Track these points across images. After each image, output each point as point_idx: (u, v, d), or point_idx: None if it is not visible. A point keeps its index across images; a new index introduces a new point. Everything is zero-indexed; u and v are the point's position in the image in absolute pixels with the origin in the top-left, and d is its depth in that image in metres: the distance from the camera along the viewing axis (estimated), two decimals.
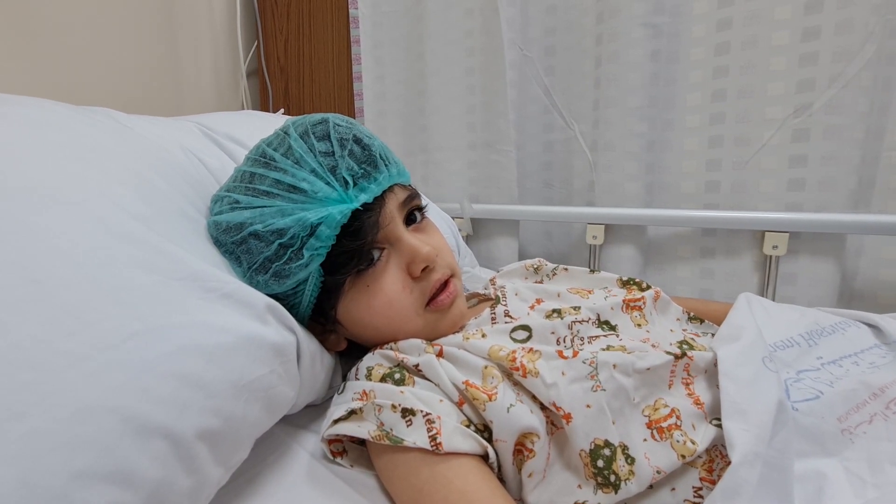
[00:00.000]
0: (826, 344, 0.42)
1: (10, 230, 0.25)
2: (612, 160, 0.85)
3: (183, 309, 0.28)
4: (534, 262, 0.57)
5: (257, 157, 0.40)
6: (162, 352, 0.25)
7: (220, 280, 0.32)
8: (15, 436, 0.20)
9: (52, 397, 0.21)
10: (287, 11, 1.06)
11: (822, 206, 0.73)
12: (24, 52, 0.65)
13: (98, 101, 0.73)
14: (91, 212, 0.28)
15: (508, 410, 0.35)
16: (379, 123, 1.03)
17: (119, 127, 0.41)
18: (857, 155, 0.70)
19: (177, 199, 0.37)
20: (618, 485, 0.33)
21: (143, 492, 0.24)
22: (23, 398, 0.21)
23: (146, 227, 0.30)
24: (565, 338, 0.41)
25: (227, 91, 1.05)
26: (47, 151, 0.31)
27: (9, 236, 0.25)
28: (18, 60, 0.64)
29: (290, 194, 0.36)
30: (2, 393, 0.21)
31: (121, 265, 0.27)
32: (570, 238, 0.94)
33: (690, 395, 0.38)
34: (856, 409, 0.37)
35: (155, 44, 0.86)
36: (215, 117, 0.63)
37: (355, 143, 0.39)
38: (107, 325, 0.25)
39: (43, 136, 0.33)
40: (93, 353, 0.23)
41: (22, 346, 0.22)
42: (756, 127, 0.76)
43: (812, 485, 0.34)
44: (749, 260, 0.80)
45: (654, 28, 0.79)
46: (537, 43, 0.91)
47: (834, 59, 0.69)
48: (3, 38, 0.62)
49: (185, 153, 0.46)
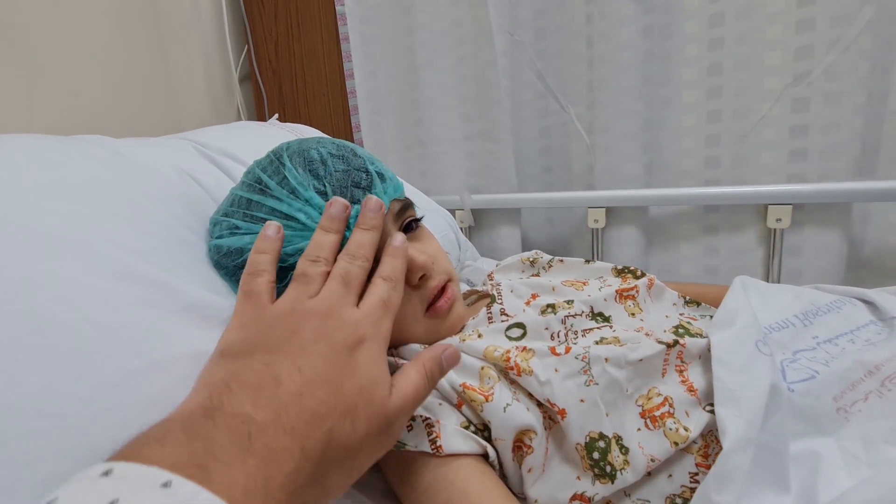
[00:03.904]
0: (821, 323, 0.42)
1: (11, 277, 0.26)
2: (610, 142, 0.84)
3: (181, 340, 0.30)
4: (530, 256, 0.57)
5: (253, 182, 0.40)
6: (163, 386, 0.27)
7: (216, 307, 0.33)
8: (31, 483, 0.22)
9: (64, 442, 0.23)
10: (275, 12, 1.05)
11: (825, 175, 0.72)
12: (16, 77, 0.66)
13: (94, 121, 0.75)
14: (88, 252, 0.30)
15: (505, 410, 0.36)
16: (374, 119, 1.03)
17: (111, 156, 0.42)
18: (859, 121, 0.69)
19: (172, 225, 0.39)
20: (614, 475, 0.34)
21: None
22: (36, 445, 0.22)
23: (143, 260, 0.32)
24: (559, 332, 0.42)
25: (221, 99, 1.06)
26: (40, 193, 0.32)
27: (11, 284, 0.26)
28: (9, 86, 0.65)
29: (287, 222, 0.37)
30: (17, 442, 0.22)
31: (119, 303, 0.29)
32: (572, 223, 0.94)
33: (684, 381, 0.39)
34: (851, 388, 0.37)
35: (146, 60, 0.87)
36: (209, 132, 0.64)
37: (354, 186, 0.39)
38: (109, 366, 0.26)
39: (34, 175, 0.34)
40: (98, 394, 0.25)
41: (32, 396, 0.23)
42: (754, 99, 0.74)
43: (807, 465, 0.35)
44: (753, 234, 0.79)
45: (644, 4, 0.77)
46: (527, 26, 0.89)
47: (832, 24, 0.67)
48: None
49: (180, 175, 0.48)
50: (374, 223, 0.35)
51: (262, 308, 0.30)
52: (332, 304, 0.30)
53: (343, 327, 0.29)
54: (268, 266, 0.33)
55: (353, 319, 0.29)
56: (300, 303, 0.30)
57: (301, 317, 0.29)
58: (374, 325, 0.30)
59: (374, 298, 0.31)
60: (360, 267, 0.32)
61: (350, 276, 0.32)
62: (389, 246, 0.35)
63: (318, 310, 0.29)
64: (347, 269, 0.32)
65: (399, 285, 0.33)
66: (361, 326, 0.29)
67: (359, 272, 0.32)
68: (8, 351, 0.24)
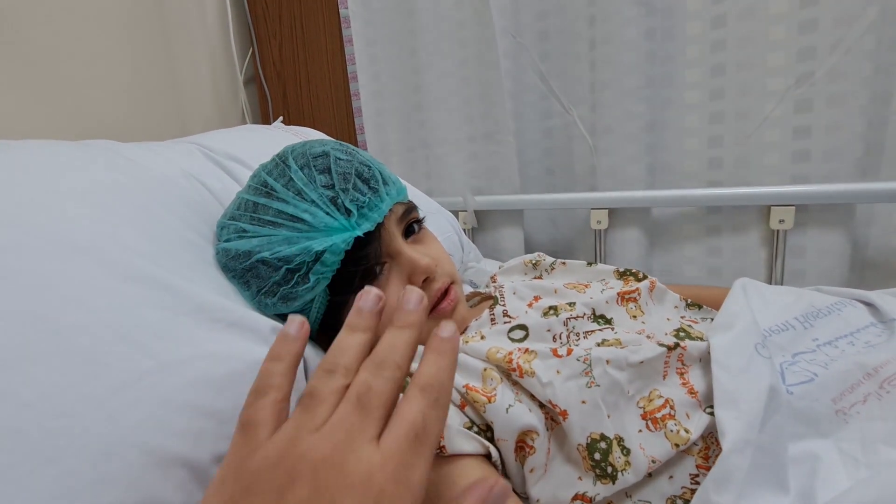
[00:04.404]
0: (822, 325, 0.43)
1: (28, 283, 0.27)
2: (613, 143, 0.84)
3: (191, 342, 0.30)
4: (533, 258, 0.58)
5: (259, 185, 0.41)
6: (174, 386, 0.28)
7: (226, 309, 0.34)
8: (49, 478, 0.23)
9: (80, 440, 0.24)
10: (279, 15, 1.06)
11: (828, 176, 0.72)
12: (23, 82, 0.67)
13: (100, 124, 0.76)
14: (99, 256, 0.31)
15: (507, 411, 0.36)
16: (377, 121, 1.03)
17: (120, 161, 0.43)
18: (862, 122, 0.69)
19: (181, 229, 0.39)
20: (615, 476, 0.35)
21: None
22: (54, 443, 0.23)
23: (153, 264, 0.33)
24: (561, 334, 0.43)
25: (226, 101, 1.07)
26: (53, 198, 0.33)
27: (29, 289, 0.27)
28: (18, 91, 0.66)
29: (293, 223, 0.38)
30: (36, 440, 0.23)
31: (131, 306, 0.29)
32: (575, 224, 0.95)
33: (685, 384, 0.39)
34: (850, 390, 0.37)
35: (152, 63, 0.88)
36: (214, 136, 0.65)
37: (357, 177, 0.40)
38: (122, 366, 0.27)
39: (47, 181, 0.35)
40: (112, 394, 0.26)
41: (48, 395, 0.24)
42: (757, 100, 0.74)
43: (806, 466, 0.35)
44: (756, 235, 0.79)
45: (647, 6, 0.77)
46: (530, 28, 0.89)
47: (835, 25, 0.67)
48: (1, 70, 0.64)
49: (187, 179, 0.48)
50: (413, 320, 0.25)
51: (252, 450, 0.22)
52: (337, 443, 0.21)
53: (347, 486, 0.20)
54: (279, 380, 0.24)
55: (365, 469, 0.20)
56: (297, 441, 0.21)
57: (292, 466, 0.20)
58: (397, 474, 0.20)
59: (403, 429, 0.21)
60: (388, 381, 0.23)
61: (371, 395, 0.22)
62: (436, 337, 0.25)
63: (316, 453, 0.21)
64: (368, 386, 0.22)
65: (444, 398, 0.23)
66: (377, 480, 0.20)
67: (386, 389, 0.22)
68: (25, 351, 0.25)
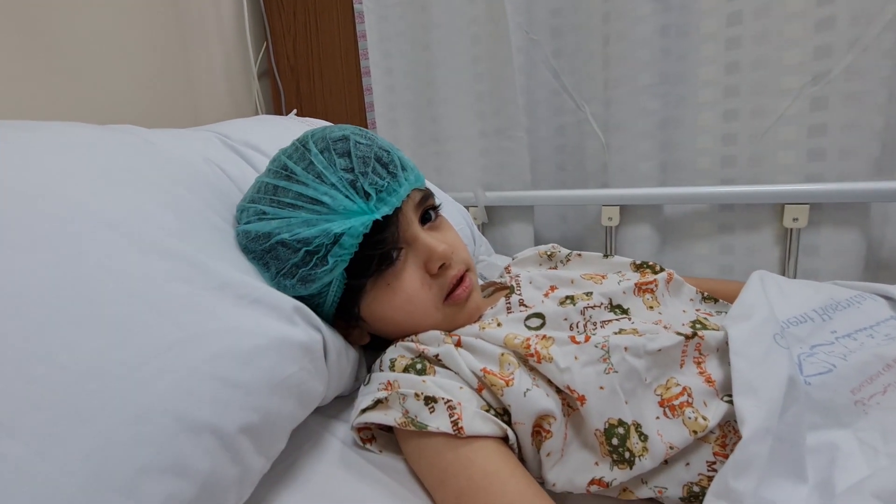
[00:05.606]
0: (841, 318, 0.42)
1: (66, 254, 0.28)
2: (625, 140, 0.84)
3: (217, 316, 0.31)
4: (547, 249, 0.58)
5: (279, 169, 0.42)
6: (202, 357, 0.28)
7: (249, 286, 0.34)
8: (87, 437, 0.23)
9: (114, 402, 0.24)
10: (293, 9, 1.07)
11: (843, 175, 0.72)
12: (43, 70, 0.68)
13: (118, 114, 0.77)
14: (129, 231, 0.31)
15: (525, 395, 0.36)
16: (389, 117, 1.04)
17: (145, 144, 0.44)
18: (879, 121, 0.68)
19: (204, 210, 0.40)
20: (632, 461, 0.35)
21: (198, 481, 0.27)
22: (91, 404, 0.24)
23: (180, 241, 0.33)
24: (578, 323, 0.43)
25: (240, 94, 1.08)
26: (85, 175, 0.34)
27: (66, 259, 0.28)
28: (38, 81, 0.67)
29: (313, 206, 0.38)
30: (74, 401, 0.24)
31: (160, 280, 0.30)
32: (586, 220, 0.95)
33: (702, 373, 0.39)
34: (869, 381, 0.37)
35: (168, 55, 0.89)
36: (232, 125, 0.65)
37: (376, 161, 0.41)
38: (151, 336, 0.27)
39: (79, 159, 0.36)
40: (143, 361, 0.26)
41: (85, 360, 0.25)
42: (772, 98, 0.74)
43: (825, 456, 0.35)
44: (769, 234, 0.79)
45: (662, 2, 0.77)
46: (543, 25, 0.90)
47: (852, 23, 0.67)
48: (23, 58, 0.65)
49: (207, 164, 0.49)
50: None
51: None
52: None
53: None
54: None
55: None
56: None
57: None
58: None
59: None
60: None
61: None
62: None
63: None
64: None
65: None
66: None
67: None
68: (61, 317, 0.26)
